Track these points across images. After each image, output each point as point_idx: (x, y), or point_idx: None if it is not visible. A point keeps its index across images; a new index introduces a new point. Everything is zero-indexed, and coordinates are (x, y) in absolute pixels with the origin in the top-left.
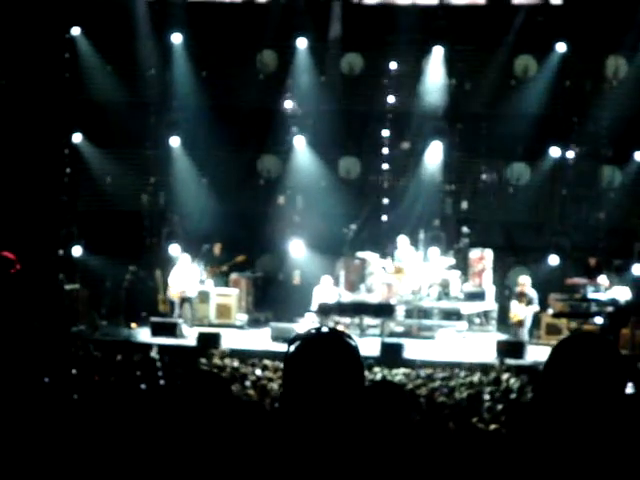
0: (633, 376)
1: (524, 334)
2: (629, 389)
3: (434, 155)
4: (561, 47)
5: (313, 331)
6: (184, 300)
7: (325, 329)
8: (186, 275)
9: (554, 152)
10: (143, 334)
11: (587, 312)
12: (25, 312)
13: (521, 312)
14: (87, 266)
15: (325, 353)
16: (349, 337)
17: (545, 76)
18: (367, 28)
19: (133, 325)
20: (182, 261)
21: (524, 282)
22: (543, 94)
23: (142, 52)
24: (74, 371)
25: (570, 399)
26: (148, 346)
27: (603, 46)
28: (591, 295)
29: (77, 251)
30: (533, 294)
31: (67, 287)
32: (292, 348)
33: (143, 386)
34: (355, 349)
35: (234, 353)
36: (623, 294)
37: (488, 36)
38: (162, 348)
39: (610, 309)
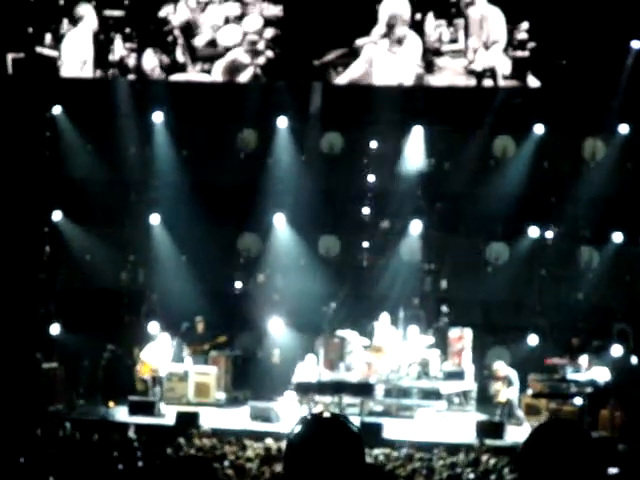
0: (613, 459)
1: (515, 414)
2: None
3: (414, 234)
4: (539, 129)
5: (316, 415)
6: (155, 379)
7: (327, 414)
8: (159, 354)
9: (533, 232)
10: (121, 413)
11: (566, 393)
12: (2, 391)
13: (504, 394)
14: (65, 344)
15: (329, 438)
16: (352, 423)
17: (524, 157)
18: (347, 108)
19: (111, 404)
20: (158, 340)
21: (498, 368)
22: (522, 175)
23: (123, 131)
24: (50, 451)
25: None
26: (126, 425)
27: (581, 128)
28: (570, 376)
29: (55, 329)
30: (512, 375)
31: (45, 366)
32: (295, 431)
33: (120, 466)
34: (358, 436)
35: (214, 433)
36: (602, 375)
37: (467, 117)
38: (140, 427)
39: (589, 390)
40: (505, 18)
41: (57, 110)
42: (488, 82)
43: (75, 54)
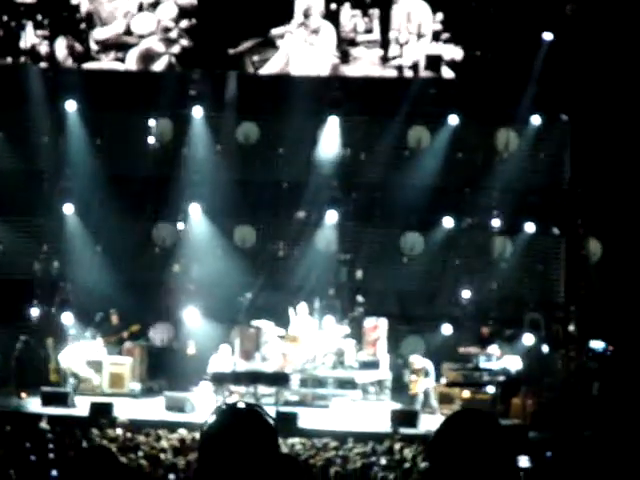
0: (524, 446)
1: (430, 404)
2: (523, 463)
3: (329, 224)
4: (453, 119)
5: (231, 406)
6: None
7: (242, 405)
8: (78, 349)
9: (447, 222)
10: (34, 404)
11: (479, 381)
12: None
13: (421, 385)
14: None
15: (243, 429)
16: (267, 414)
17: (438, 147)
18: (263, 98)
19: (23, 395)
20: (84, 339)
21: (413, 361)
22: (436, 165)
23: (35, 119)
24: None
25: (459, 473)
26: (38, 416)
27: (494, 119)
28: (483, 364)
29: None
30: (428, 366)
31: None
32: (210, 422)
33: (33, 458)
34: (273, 427)
35: (129, 423)
36: (514, 364)
37: (382, 107)
38: (53, 418)
39: (502, 378)
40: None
41: None
42: (407, 73)
43: None
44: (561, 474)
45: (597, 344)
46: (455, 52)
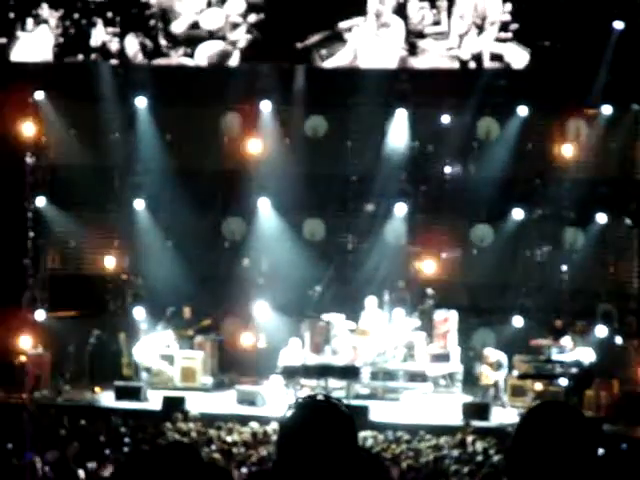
0: (599, 439)
1: (500, 397)
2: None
3: (398, 217)
4: (523, 110)
5: (310, 399)
6: (147, 366)
7: (321, 398)
8: (151, 344)
9: (517, 214)
10: (107, 398)
11: (551, 374)
12: None
13: (492, 376)
14: (51, 330)
15: (322, 422)
16: (344, 406)
17: (507, 139)
18: (330, 91)
19: (97, 389)
20: (158, 333)
21: (487, 354)
22: (505, 156)
23: (106, 116)
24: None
25: (542, 468)
26: (112, 411)
27: (564, 109)
28: (555, 357)
29: (40, 315)
30: (502, 358)
31: (31, 351)
32: (289, 415)
33: (108, 452)
34: (352, 421)
35: (200, 417)
36: (587, 356)
37: (450, 99)
38: (126, 412)
39: (574, 371)
40: None
41: (40, 95)
42: (472, 65)
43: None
44: (636, 466)
45: None
46: (518, 52)
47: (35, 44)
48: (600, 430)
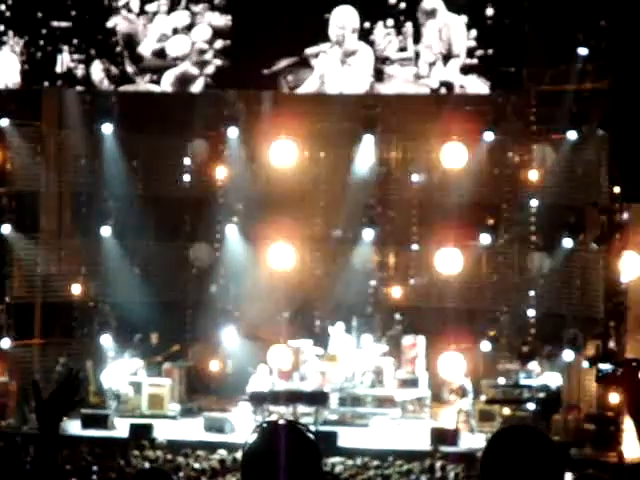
0: (567, 463)
1: (471, 422)
2: (568, 478)
3: (366, 242)
4: (489, 136)
5: (272, 423)
6: (115, 393)
7: (283, 422)
8: (119, 370)
9: (484, 239)
10: (74, 427)
11: (519, 398)
12: None
13: (459, 404)
14: (16, 358)
15: (286, 446)
16: (308, 430)
17: (474, 164)
18: (297, 117)
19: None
20: (123, 358)
21: (451, 380)
22: (473, 181)
23: (72, 142)
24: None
25: None
26: (79, 439)
27: (531, 135)
28: (523, 381)
29: (5, 343)
30: (466, 384)
31: None
32: (251, 440)
33: None
34: (315, 444)
35: (168, 444)
36: (554, 380)
37: (417, 125)
38: (93, 440)
39: (542, 395)
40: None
41: (4, 122)
42: (442, 91)
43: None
44: None
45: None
46: (489, 68)
47: (1, 70)
48: (567, 454)
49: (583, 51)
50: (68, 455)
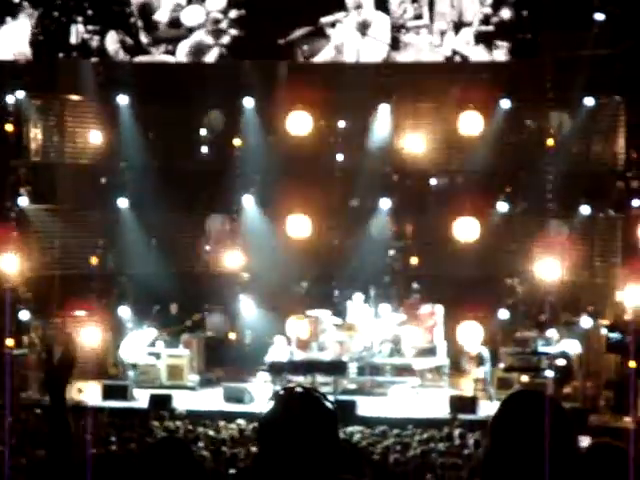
0: (584, 429)
1: (487, 390)
2: (583, 443)
3: (383, 212)
4: (505, 103)
5: (288, 391)
6: (133, 364)
7: (299, 389)
8: (137, 342)
9: (501, 207)
10: (94, 397)
11: (538, 366)
12: None
13: (476, 372)
14: (35, 330)
15: (302, 414)
16: (325, 397)
17: (490, 132)
18: (313, 87)
19: (82, 389)
20: (142, 330)
21: (469, 350)
22: (489, 150)
23: (87, 114)
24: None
25: (519, 455)
26: (99, 409)
27: (546, 102)
28: (541, 349)
29: (25, 315)
30: (484, 352)
31: (15, 352)
32: (268, 408)
33: (94, 451)
34: (332, 411)
35: (188, 415)
36: (573, 347)
37: (434, 93)
38: (113, 411)
39: (560, 362)
40: None
41: (20, 94)
42: (457, 59)
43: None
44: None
45: None
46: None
47: (14, 42)
48: (585, 421)
49: (599, 17)
50: (88, 425)
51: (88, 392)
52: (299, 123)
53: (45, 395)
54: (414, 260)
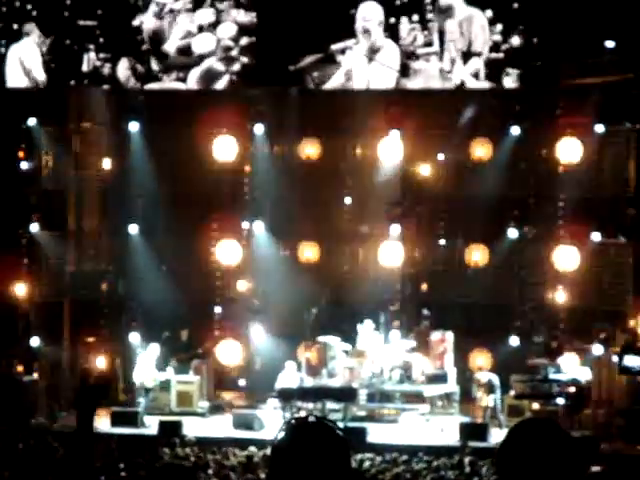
0: (595, 457)
1: (497, 418)
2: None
3: (393, 238)
4: (515, 130)
5: (301, 420)
6: (146, 389)
7: (312, 418)
8: (147, 364)
9: (512, 233)
10: (103, 424)
11: (549, 393)
12: None
13: (486, 400)
14: (45, 356)
15: (314, 443)
16: (337, 427)
17: (501, 158)
18: (324, 113)
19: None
20: (147, 351)
21: (479, 377)
22: (499, 176)
23: (99, 141)
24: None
25: None
26: (108, 436)
27: (556, 129)
28: (552, 376)
29: (35, 341)
30: (494, 379)
31: (25, 378)
32: (280, 437)
33: (103, 478)
34: (344, 440)
35: (197, 441)
36: (584, 374)
37: (444, 120)
38: (123, 438)
39: (572, 389)
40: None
41: (31, 122)
42: (467, 85)
43: (21, 65)
44: None
45: None
46: (516, 62)
47: (26, 70)
48: (597, 449)
49: (610, 44)
50: (98, 452)
51: (98, 419)
52: (309, 149)
53: (55, 422)
54: (424, 286)
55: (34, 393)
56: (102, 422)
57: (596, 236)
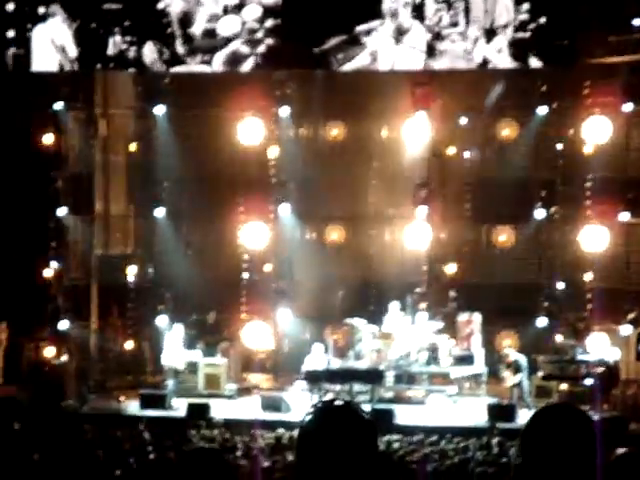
0: (623, 437)
1: (524, 399)
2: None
3: (420, 219)
4: (542, 110)
5: (328, 403)
6: (175, 371)
7: (339, 402)
8: (175, 346)
9: (539, 214)
10: (132, 406)
11: (577, 374)
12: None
13: (513, 379)
14: (74, 339)
15: (341, 426)
16: (363, 410)
17: (527, 139)
18: (350, 95)
19: (121, 398)
20: (173, 332)
21: (507, 353)
22: (526, 156)
23: (125, 124)
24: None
25: (547, 470)
26: (137, 418)
27: (584, 109)
28: (580, 356)
29: (64, 324)
30: (521, 359)
31: (54, 361)
32: (307, 420)
33: (132, 460)
34: (371, 424)
35: (225, 424)
36: (612, 355)
37: (470, 101)
38: (151, 420)
39: (600, 370)
40: None
41: (58, 106)
42: (491, 65)
43: (46, 49)
44: None
45: None
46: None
47: (52, 54)
48: (625, 430)
49: (638, 22)
50: (126, 435)
51: (127, 401)
52: (335, 131)
53: (83, 404)
54: (451, 268)
55: (63, 376)
56: (131, 405)
57: (624, 216)
